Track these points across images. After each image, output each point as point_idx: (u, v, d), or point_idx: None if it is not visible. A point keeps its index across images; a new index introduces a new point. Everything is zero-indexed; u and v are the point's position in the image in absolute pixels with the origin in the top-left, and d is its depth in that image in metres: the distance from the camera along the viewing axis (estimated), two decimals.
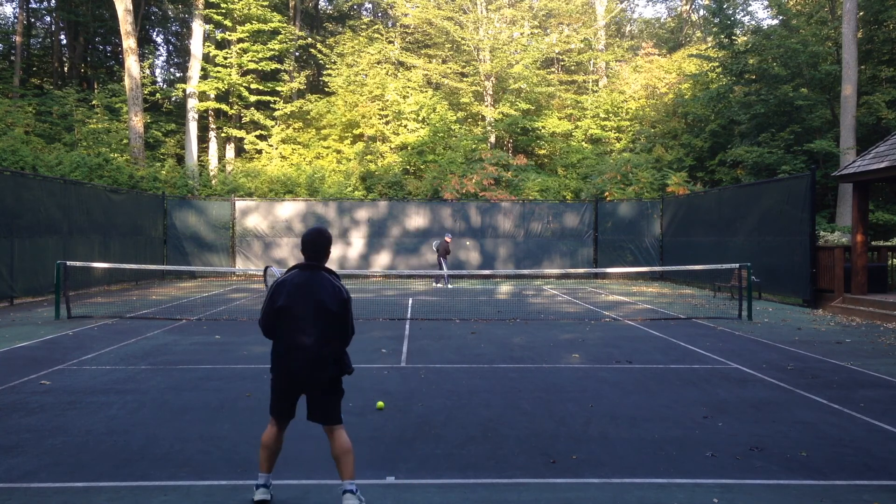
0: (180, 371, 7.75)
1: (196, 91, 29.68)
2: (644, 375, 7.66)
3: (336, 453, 3.99)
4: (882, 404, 6.40)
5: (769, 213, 16.20)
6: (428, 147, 29.01)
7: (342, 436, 4.03)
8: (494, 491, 4.27)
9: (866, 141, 21.22)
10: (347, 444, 4.00)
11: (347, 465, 3.95)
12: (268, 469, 4.10)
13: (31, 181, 15.23)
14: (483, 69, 32.01)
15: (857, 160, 14.25)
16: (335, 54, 33.43)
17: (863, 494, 4.24)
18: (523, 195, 26.26)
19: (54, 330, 10.73)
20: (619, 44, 39.10)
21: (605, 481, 4.42)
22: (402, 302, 15.60)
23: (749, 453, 4.96)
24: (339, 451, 3.98)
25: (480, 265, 23.69)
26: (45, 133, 26.96)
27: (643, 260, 23.18)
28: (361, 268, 23.35)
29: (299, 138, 31.75)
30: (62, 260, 13.52)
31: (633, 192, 24.65)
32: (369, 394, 6.65)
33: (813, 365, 8.30)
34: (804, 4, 27.57)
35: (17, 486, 4.29)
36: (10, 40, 35.49)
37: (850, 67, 20.47)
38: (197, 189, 25.98)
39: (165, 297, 16.44)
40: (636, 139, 30.57)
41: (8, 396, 6.50)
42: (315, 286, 3.99)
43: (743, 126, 24.31)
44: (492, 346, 9.59)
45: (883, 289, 14.25)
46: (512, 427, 5.60)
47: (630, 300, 16.41)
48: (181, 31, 42.23)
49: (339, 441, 4.00)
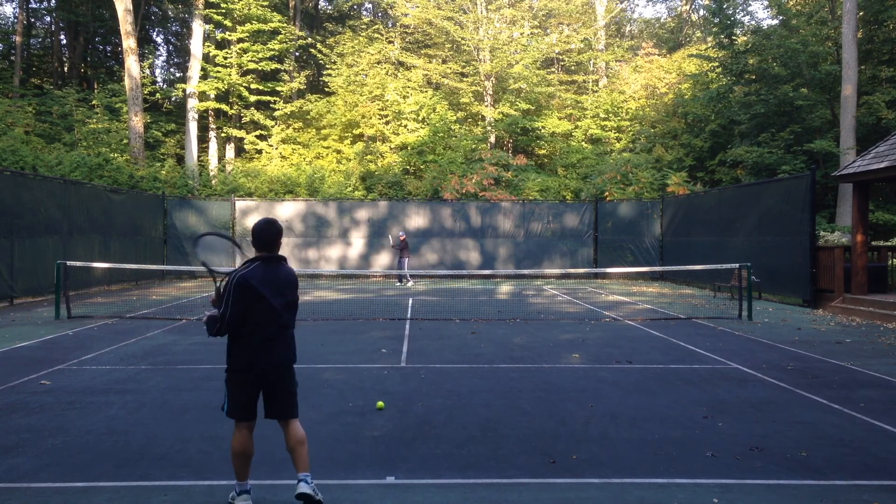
0: (180, 371, 7.75)
1: (196, 91, 29.68)
2: (644, 375, 7.66)
3: (292, 444, 3.98)
4: (882, 404, 6.40)
5: (769, 213, 16.20)
6: (428, 147, 29.01)
7: (298, 426, 4.04)
8: (494, 491, 4.27)
9: (866, 141, 21.22)
10: (303, 434, 4.02)
11: (304, 455, 3.96)
12: (245, 476, 4.00)
13: (31, 181, 15.23)
14: (483, 69, 32.01)
15: (857, 160, 14.25)
16: (335, 54, 33.43)
17: (863, 494, 4.23)
18: (523, 195, 26.25)
19: (54, 330, 10.73)
20: (619, 44, 39.09)
21: (605, 481, 4.42)
22: (402, 302, 15.60)
23: (749, 453, 4.96)
24: (296, 442, 3.97)
25: (480, 265, 23.69)
26: (45, 133, 26.96)
27: (643, 260, 23.19)
28: (361, 268, 23.35)
29: (299, 138, 31.75)
30: (62, 260, 13.52)
31: (633, 192, 24.65)
32: (369, 394, 6.65)
33: (813, 365, 8.30)
34: (804, 4, 27.56)
35: (17, 486, 4.29)
36: (10, 40, 35.48)
37: (850, 67, 20.46)
38: (197, 189, 25.98)
39: (165, 297, 16.44)
40: (636, 139, 30.56)
41: (8, 396, 6.50)
42: (282, 277, 4.04)
43: (743, 126, 24.30)
44: (492, 346, 9.59)
45: (883, 289, 14.24)
46: (512, 427, 5.60)
47: (630, 300, 16.41)
48: (181, 31, 42.23)
49: (295, 431, 4.00)
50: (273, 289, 3.97)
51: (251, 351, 3.94)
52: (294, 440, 3.98)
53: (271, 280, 3.98)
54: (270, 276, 3.99)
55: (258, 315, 3.92)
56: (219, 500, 4.10)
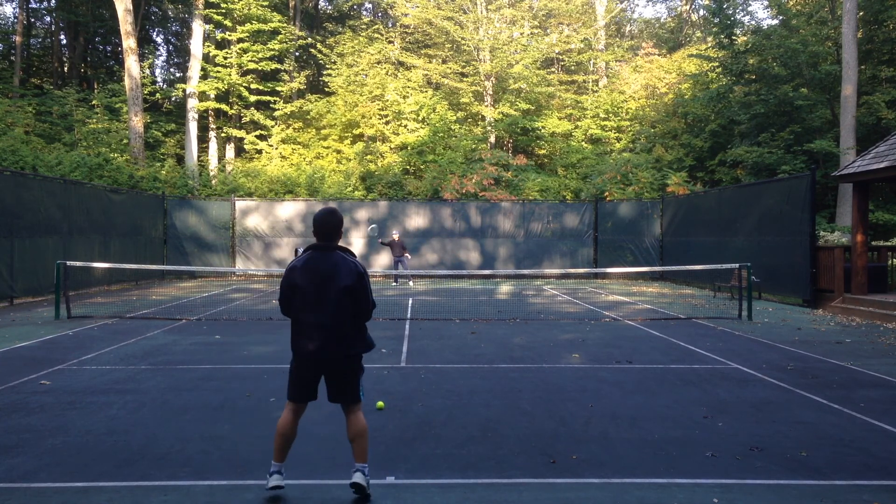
0: (180, 371, 7.75)
1: (196, 91, 29.68)
2: (644, 375, 7.66)
3: (352, 434, 4.10)
4: (882, 404, 6.40)
5: (769, 213, 16.20)
6: (428, 147, 29.00)
7: (360, 417, 4.14)
8: (494, 491, 4.27)
9: (866, 141, 21.22)
10: (364, 426, 4.11)
11: (361, 447, 4.06)
12: (281, 458, 4.14)
13: (31, 181, 15.23)
14: (483, 69, 32.01)
15: (857, 160, 14.25)
16: (335, 54, 33.43)
17: (863, 494, 4.23)
18: (523, 195, 26.25)
19: (54, 330, 10.73)
20: (619, 44, 39.10)
21: (605, 481, 4.42)
22: (402, 302, 15.60)
23: (749, 453, 4.96)
24: (355, 433, 4.09)
25: (480, 265, 23.70)
26: (45, 133, 26.96)
27: (643, 260, 23.19)
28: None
29: (299, 138, 31.74)
30: (62, 260, 13.53)
31: (633, 192, 24.65)
32: (369, 394, 6.64)
33: (813, 365, 8.30)
34: (804, 4, 27.57)
35: (17, 486, 4.29)
36: (10, 40, 35.49)
37: (850, 67, 20.46)
38: (197, 189, 25.98)
39: (165, 297, 16.44)
40: (636, 139, 30.56)
41: (8, 396, 6.50)
42: (329, 265, 4.10)
43: (743, 126, 24.30)
44: (492, 346, 9.59)
45: (883, 289, 14.25)
46: (512, 427, 5.59)
47: (630, 300, 16.41)
48: (181, 31, 42.24)
49: (353, 423, 4.11)
50: (315, 279, 4.07)
51: (298, 338, 4.13)
52: (351, 431, 4.12)
53: (315, 270, 4.09)
54: (316, 265, 4.10)
55: (299, 302, 4.10)
56: (219, 500, 4.10)
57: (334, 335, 4.06)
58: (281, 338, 9.99)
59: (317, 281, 4.07)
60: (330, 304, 4.05)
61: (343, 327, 4.08)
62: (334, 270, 4.09)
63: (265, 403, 6.31)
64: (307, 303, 4.08)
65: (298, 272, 4.10)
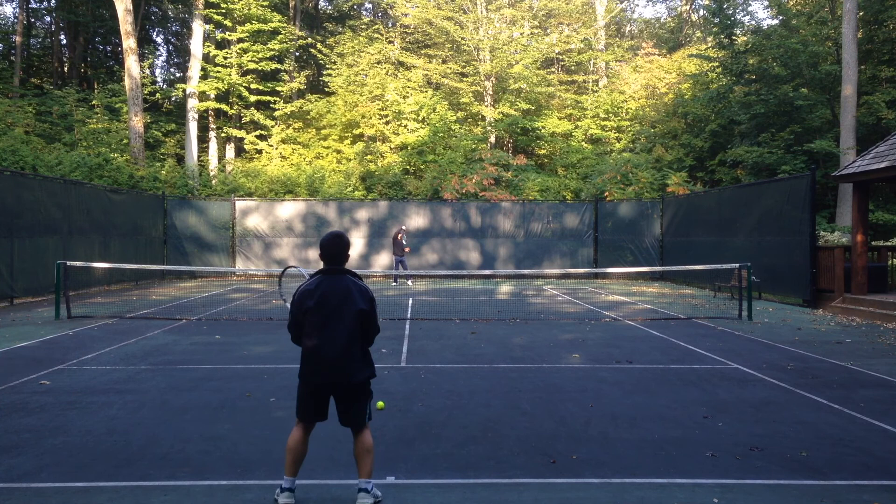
0: (180, 371, 7.75)
1: (196, 91, 29.68)
2: (644, 375, 7.66)
3: (357, 452, 4.08)
4: (882, 404, 6.40)
5: (769, 213, 16.20)
6: (428, 147, 29.00)
7: (367, 437, 4.12)
8: (494, 491, 4.27)
9: (866, 141, 21.21)
10: (370, 444, 4.09)
11: (366, 464, 4.05)
12: (293, 473, 4.09)
13: (31, 181, 15.23)
14: (483, 69, 32.01)
15: (857, 160, 14.25)
16: (335, 54, 33.43)
17: (863, 494, 4.24)
18: (523, 195, 26.25)
19: (54, 330, 10.73)
20: (619, 44, 39.08)
21: (605, 481, 4.42)
22: (403, 302, 15.60)
23: (749, 453, 4.96)
24: (361, 451, 4.07)
25: (480, 265, 23.69)
26: (45, 133, 26.94)
27: (643, 260, 23.18)
28: (361, 268, 23.33)
29: (299, 138, 31.74)
30: (62, 260, 13.52)
31: (633, 192, 24.64)
32: None
33: (813, 365, 8.30)
34: (804, 4, 27.56)
35: (17, 486, 4.29)
36: (10, 40, 35.48)
37: (850, 67, 20.46)
38: (197, 189, 25.97)
39: (165, 297, 16.44)
40: (636, 139, 30.56)
41: (8, 396, 6.50)
42: (342, 288, 4.05)
43: (743, 126, 24.30)
44: (492, 346, 9.59)
45: (883, 289, 14.24)
46: (512, 427, 5.60)
47: (630, 300, 16.41)
48: (181, 31, 42.24)
49: (362, 441, 4.10)
50: (329, 303, 4.02)
51: (306, 364, 4.07)
52: (358, 449, 4.09)
53: (328, 294, 4.03)
54: (326, 289, 4.04)
55: (309, 328, 4.04)
56: (219, 500, 4.10)
57: (346, 360, 4.02)
58: (281, 338, 9.99)
59: (332, 304, 4.02)
60: (343, 328, 4.01)
61: (354, 351, 4.05)
62: (347, 294, 4.04)
63: (265, 403, 6.31)
64: (319, 327, 4.02)
65: (311, 297, 4.03)
